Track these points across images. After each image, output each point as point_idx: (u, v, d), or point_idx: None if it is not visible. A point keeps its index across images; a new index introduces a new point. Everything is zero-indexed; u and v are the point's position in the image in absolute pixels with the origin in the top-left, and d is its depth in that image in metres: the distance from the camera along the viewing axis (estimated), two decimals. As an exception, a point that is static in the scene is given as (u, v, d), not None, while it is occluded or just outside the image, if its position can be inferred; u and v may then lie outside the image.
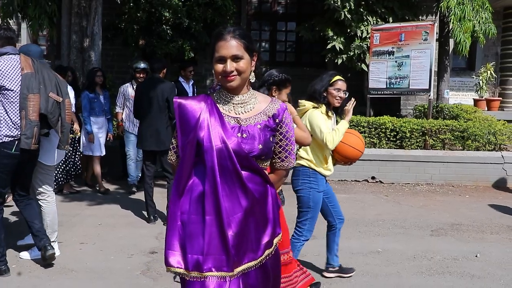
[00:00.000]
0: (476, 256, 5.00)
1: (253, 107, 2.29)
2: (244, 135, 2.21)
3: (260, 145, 2.21)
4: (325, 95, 4.09)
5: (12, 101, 4.23)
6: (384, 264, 4.86)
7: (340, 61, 10.86)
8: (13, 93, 4.22)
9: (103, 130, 7.67)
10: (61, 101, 4.43)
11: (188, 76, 8.50)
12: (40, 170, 4.69)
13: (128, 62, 8.65)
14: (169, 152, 2.40)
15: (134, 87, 7.34)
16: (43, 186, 4.75)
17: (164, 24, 10.67)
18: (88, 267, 4.60)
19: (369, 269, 4.67)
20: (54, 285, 4.20)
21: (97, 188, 7.67)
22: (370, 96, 10.17)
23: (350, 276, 4.42)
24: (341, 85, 4.10)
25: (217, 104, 2.27)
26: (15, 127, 4.21)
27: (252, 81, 2.32)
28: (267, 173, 2.32)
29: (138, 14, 10.61)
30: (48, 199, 4.79)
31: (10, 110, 4.22)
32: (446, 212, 6.84)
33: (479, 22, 10.19)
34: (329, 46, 10.83)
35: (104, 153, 7.75)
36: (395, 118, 9.32)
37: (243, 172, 2.17)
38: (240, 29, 2.27)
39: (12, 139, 4.21)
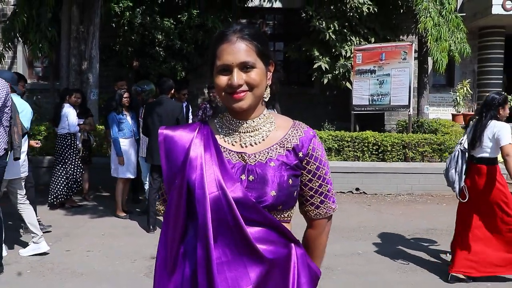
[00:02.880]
0: (446, 255, 5.54)
1: (267, 136, 1.67)
2: (251, 178, 1.59)
3: (273, 191, 1.58)
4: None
5: (6, 118, 4.78)
6: (364, 264, 5.38)
7: (326, 80, 11.46)
8: (7, 111, 4.79)
9: (132, 150, 7.51)
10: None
11: (181, 99, 8.48)
12: (20, 183, 5.47)
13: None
14: (157, 201, 1.82)
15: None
16: (22, 194, 5.50)
17: (157, 46, 11.29)
18: (96, 271, 5.07)
19: (350, 269, 5.18)
20: (67, 286, 4.66)
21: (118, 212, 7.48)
22: (354, 112, 10.77)
23: None
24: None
25: (218, 134, 1.68)
26: (4, 141, 4.79)
27: (266, 99, 1.71)
28: (289, 227, 1.68)
29: (132, 37, 11.22)
30: (27, 202, 5.51)
31: (4, 127, 4.78)
32: (423, 219, 7.38)
33: (454, 42, 10.88)
34: (315, 66, 11.42)
35: (133, 176, 7.55)
36: (377, 132, 9.87)
37: (251, 229, 1.55)
38: (250, 28, 1.62)
39: (4, 152, 4.81)
